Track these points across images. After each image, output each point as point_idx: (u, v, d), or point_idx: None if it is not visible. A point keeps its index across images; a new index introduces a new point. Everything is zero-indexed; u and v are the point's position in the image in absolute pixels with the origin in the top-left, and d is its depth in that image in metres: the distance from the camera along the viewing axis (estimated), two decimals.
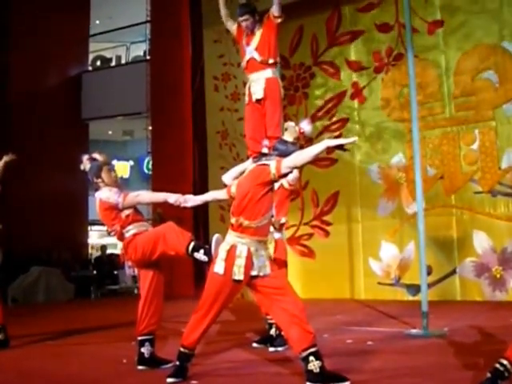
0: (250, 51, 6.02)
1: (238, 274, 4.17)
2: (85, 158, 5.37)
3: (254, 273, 4.21)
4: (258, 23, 6.06)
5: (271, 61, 6.00)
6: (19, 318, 9.05)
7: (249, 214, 4.19)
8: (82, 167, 5.37)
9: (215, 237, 4.43)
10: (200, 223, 12.50)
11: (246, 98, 6.11)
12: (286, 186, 5.80)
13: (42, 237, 13.57)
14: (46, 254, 13.36)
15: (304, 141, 10.37)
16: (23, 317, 9.53)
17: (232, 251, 4.20)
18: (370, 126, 10.56)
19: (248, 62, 6.05)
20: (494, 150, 9.32)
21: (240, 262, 4.17)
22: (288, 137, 4.71)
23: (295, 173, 5.72)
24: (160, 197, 5.29)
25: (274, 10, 5.99)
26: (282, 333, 4.96)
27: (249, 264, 4.18)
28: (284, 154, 4.24)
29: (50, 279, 12.77)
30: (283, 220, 5.95)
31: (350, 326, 7.06)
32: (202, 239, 12.31)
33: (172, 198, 5.02)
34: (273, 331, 5.68)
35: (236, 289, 4.30)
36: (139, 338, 5.03)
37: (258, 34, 6.04)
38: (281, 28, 6.17)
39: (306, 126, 5.01)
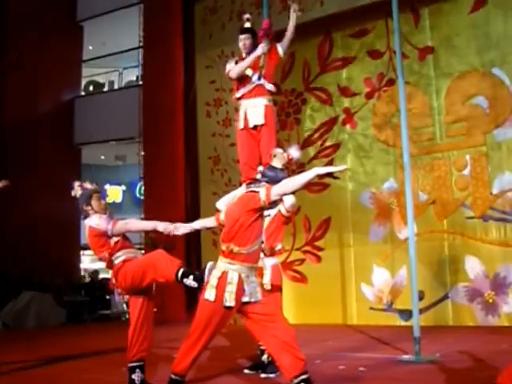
0: (258, 78, 6.06)
1: (229, 300, 4.15)
2: (76, 184, 5.37)
3: (245, 299, 4.19)
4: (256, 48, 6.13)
5: (274, 89, 6.10)
6: (9, 343, 8.98)
7: (239, 240, 4.19)
8: (72, 193, 5.35)
9: (209, 264, 4.41)
10: (192, 248, 12.46)
11: (241, 124, 6.09)
12: (284, 212, 5.80)
13: (34, 261, 13.49)
14: (39, 279, 13.28)
15: (296, 166, 10.43)
16: (13, 342, 9.45)
17: (223, 278, 4.18)
18: (362, 151, 10.59)
19: (254, 88, 6.07)
20: (485, 176, 9.35)
21: (231, 289, 4.15)
22: (277, 163, 4.72)
23: (292, 199, 5.74)
24: (149, 225, 5.31)
25: (285, 46, 6.11)
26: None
27: (240, 290, 4.16)
28: (273, 181, 4.27)
29: (41, 304, 12.66)
30: (279, 246, 5.94)
31: (342, 352, 7.02)
32: (195, 264, 12.28)
33: (161, 226, 5.01)
34: (265, 357, 5.64)
35: (227, 315, 4.27)
36: (129, 365, 4.99)
37: (265, 62, 6.10)
38: None
39: (294, 152, 5.03)
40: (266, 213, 5.68)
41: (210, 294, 4.19)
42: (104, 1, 16.08)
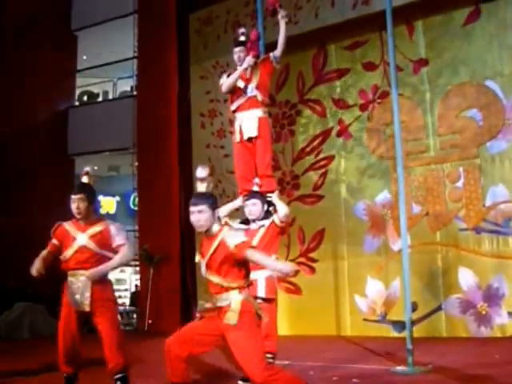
0: (251, 90, 6.09)
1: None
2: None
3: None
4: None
5: (267, 100, 6.12)
6: (2, 354, 8.93)
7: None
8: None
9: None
10: (186, 259, 12.44)
11: (237, 136, 6.13)
12: (278, 222, 5.76)
13: (27, 272, 13.40)
14: (32, 290, 13.21)
15: (290, 177, 10.49)
16: (6, 353, 9.40)
17: None
18: (356, 162, 10.62)
19: (247, 100, 6.10)
20: (478, 188, 9.38)
21: None
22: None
23: (286, 210, 5.74)
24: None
25: (277, 54, 6.16)
26: None
27: None
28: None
29: (35, 316, 12.59)
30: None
31: (336, 363, 7.02)
32: (189, 275, 12.26)
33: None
34: None
35: None
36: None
37: (257, 73, 6.13)
38: None
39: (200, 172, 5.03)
40: (259, 223, 5.71)
41: None
42: (99, 10, 16.08)
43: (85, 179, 5.26)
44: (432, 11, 9.95)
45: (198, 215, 4.09)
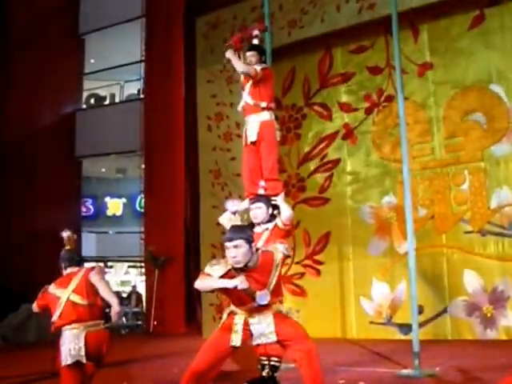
0: (244, 95, 6.18)
1: (235, 341, 4.20)
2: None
3: (254, 342, 4.28)
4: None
5: (263, 104, 6.13)
6: (9, 357, 8.97)
7: None
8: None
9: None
10: (191, 261, 12.50)
11: (244, 140, 6.21)
12: (281, 225, 5.77)
13: (34, 274, 13.49)
14: (38, 292, 13.26)
15: (296, 180, 10.55)
16: (13, 356, 9.44)
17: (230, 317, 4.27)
18: (362, 166, 10.66)
19: (244, 105, 6.20)
20: (483, 191, 9.41)
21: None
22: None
23: (288, 212, 5.76)
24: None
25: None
26: (275, 375, 4.98)
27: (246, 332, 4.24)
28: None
29: (41, 318, 12.62)
30: None
31: (342, 366, 7.03)
32: (194, 277, 12.30)
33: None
34: (265, 373, 5.65)
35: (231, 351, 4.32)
36: None
37: (250, 83, 6.20)
38: (273, 69, 6.35)
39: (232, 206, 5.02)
40: (264, 226, 5.74)
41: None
42: (106, 14, 16.20)
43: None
44: (436, 15, 9.97)
45: (235, 250, 3.95)
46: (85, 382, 5.01)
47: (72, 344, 4.88)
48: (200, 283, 4.10)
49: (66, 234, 5.43)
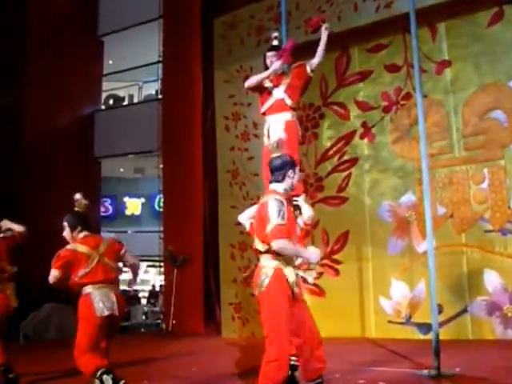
0: (279, 93, 6.14)
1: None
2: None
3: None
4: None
5: (293, 104, 6.15)
6: (30, 354, 9.05)
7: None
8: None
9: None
10: (210, 261, 12.53)
11: (265, 140, 6.16)
12: (302, 225, 5.79)
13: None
14: (59, 291, 13.37)
15: (314, 179, 10.53)
16: (34, 354, 9.52)
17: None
18: (380, 164, 10.62)
19: (274, 103, 6.16)
20: (503, 189, 9.33)
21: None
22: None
23: (310, 212, 5.77)
24: None
25: (314, 63, 6.19)
26: (295, 374, 4.99)
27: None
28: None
29: (62, 316, 12.74)
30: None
31: (362, 366, 7.03)
32: (212, 277, 12.34)
33: None
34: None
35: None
36: None
37: (289, 77, 6.18)
38: None
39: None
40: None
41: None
42: (124, 16, 16.31)
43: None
44: (455, 13, 9.90)
45: None
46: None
47: (105, 298, 5.37)
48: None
49: (78, 195, 5.70)
